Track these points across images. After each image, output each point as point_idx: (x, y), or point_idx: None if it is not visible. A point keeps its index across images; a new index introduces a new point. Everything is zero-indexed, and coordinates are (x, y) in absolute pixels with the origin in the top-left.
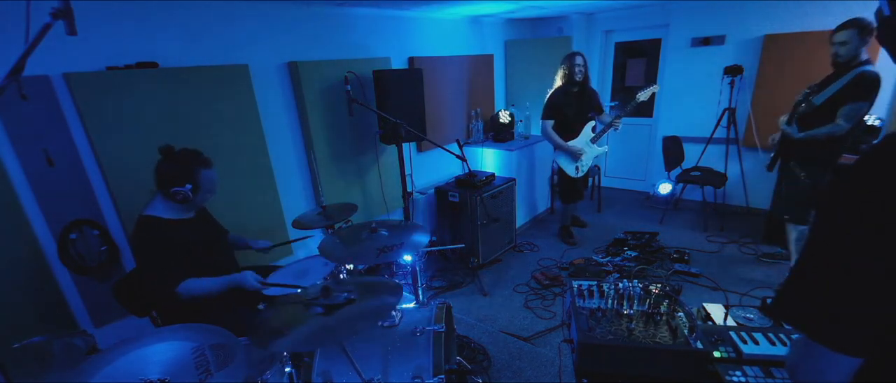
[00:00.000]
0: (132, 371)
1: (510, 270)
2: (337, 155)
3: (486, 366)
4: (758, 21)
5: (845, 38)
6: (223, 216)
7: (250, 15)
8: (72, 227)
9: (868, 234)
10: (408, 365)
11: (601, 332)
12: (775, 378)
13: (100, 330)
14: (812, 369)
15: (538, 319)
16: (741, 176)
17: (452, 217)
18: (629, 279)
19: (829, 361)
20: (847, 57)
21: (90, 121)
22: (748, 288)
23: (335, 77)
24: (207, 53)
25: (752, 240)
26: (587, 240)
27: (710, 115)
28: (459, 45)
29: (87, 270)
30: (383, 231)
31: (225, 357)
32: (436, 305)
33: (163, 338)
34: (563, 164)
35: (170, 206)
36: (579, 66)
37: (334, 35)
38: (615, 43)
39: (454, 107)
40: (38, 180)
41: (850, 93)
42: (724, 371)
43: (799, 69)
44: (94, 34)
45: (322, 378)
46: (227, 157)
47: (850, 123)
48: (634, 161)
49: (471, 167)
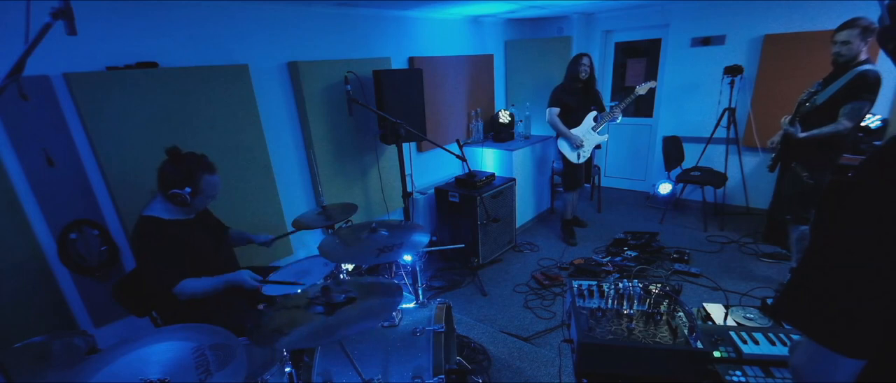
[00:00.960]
0: (132, 371)
1: (510, 270)
2: (337, 155)
3: (486, 366)
4: (758, 21)
5: (847, 37)
6: (223, 216)
7: (250, 15)
8: (72, 227)
9: (872, 236)
10: (408, 365)
11: (601, 332)
12: (775, 378)
13: (100, 330)
14: (816, 371)
15: (538, 319)
16: (741, 176)
17: (452, 217)
18: (629, 279)
19: (833, 363)
20: (848, 56)
21: (90, 121)
22: (748, 288)
23: (335, 77)
24: (207, 53)
25: (752, 240)
26: (587, 240)
27: (710, 115)
28: (459, 45)
29: (87, 270)
30: (383, 231)
31: (225, 357)
32: (436, 305)
33: (163, 338)
34: (565, 150)
35: (169, 207)
36: (585, 65)
37: (334, 35)
38: (615, 43)
39: (454, 107)
40: (38, 180)
41: (851, 92)
42: (724, 371)
43: (799, 69)
44: (94, 34)
45: (322, 378)
46: (228, 157)
47: (852, 122)
48: (634, 161)
49: (471, 167)
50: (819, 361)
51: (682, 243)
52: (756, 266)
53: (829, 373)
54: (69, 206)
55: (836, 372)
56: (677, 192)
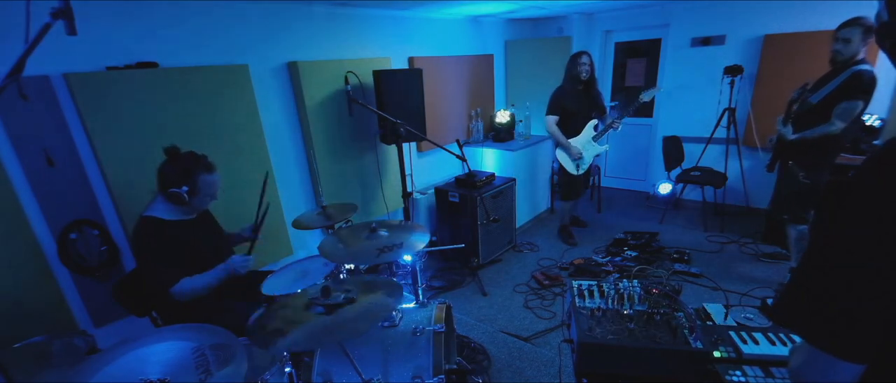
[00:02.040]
0: (132, 371)
1: (510, 270)
2: (337, 155)
3: (486, 366)
4: (758, 21)
5: (848, 35)
6: (222, 216)
7: (250, 15)
8: (72, 227)
9: (871, 236)
10: (408, 365)
11: (601, 332)
12: (775, 378)
13: (100, 330)
14: (816, 373)
15: (538, 319)
16: (741, 176)
17: (452, 217)
18: (629, 279)
19: (832, 367)
20: (846, 55)
21: (90, 121)
22: (748, 289)
23: (335, 77)
24: (207, 53)
25: (752, 240)
26: (587, 240)
27: (710, 115)
28: (459, 45)
29: (87, 270)
30: (383, 231)
31: (225, 357)
32: (436, 305)
33: (163, 338)
34: (564, 161)
35: (169, 207)
36: (585, 64)
37: (334, 35)
38: (615, 43)
39: (454, 107)
40: (38, 180)
41: (845, 92)
42: (724, 371)
43: (799, 69)
44: (94, 34)
45: (322, 378)
46: (227, 157)
47: (844, 122)
48: (634, 161)
49: (471, 167)
50: (818, 365)
51: (682, 243)
52: (756, 266)
53: (828, 377)
54: (69, 206)
55: (835, 375)
56: (677, 192)
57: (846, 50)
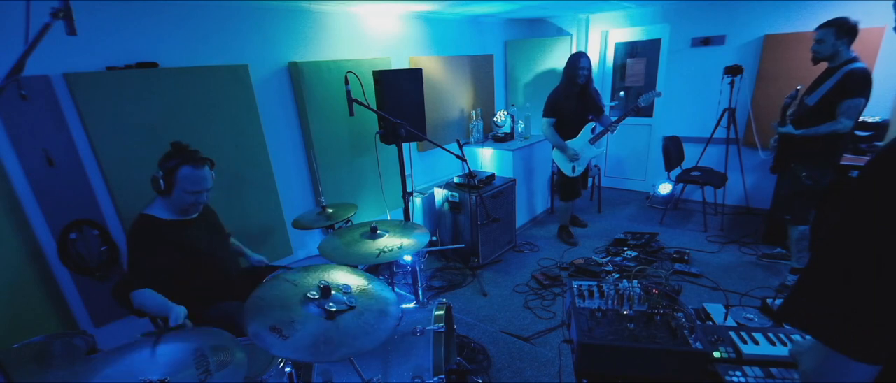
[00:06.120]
0: (132, 371)
1: (510, 270)
2: (337, 155)
3: (486, 366)
4: (758, 21)
5: (822, 36)
6: (223, 216)
7: (250, 15)
8: (72, 227)
9: (882, 236)
10: (408, 365)
11: (601, 333)
12: (775, 378)
13: (100, 330)
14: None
15: (538, 319)
16: (741, 176)
17: (452, 217)
18: (629, 279)
19: (848, 368)
20: (823, 55)
21: (90, 121)
22: (748, 288)
23: (335, 77)
24: (207, 53)
25: (752, 240)
26: (587, 239)
27: (710, 115)
28: (459, 45)
29: (87, 270)
30: (383, 231)
31: (225, 357)
32: (436, 305)
33: (163, 339)
34: (561, 163)
35: (169, 207)
36: (583, 68)
37: (334, 35)
38: (615, 43)
39: (454, 108)
40: (38, 180)
41: (844, 91)
42: (724, 371)
43: (799, 69)
44: (94, 34)
45: (322, 378)
46: (227, 157)
47: (852, 120)
48: (634, 161)
49: (471, 167)
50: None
51: (682, 243)
52: (756, 266)
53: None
54: (69, 206)
55: (850, 377)
56: (677, 192)
57: (822, 49)
